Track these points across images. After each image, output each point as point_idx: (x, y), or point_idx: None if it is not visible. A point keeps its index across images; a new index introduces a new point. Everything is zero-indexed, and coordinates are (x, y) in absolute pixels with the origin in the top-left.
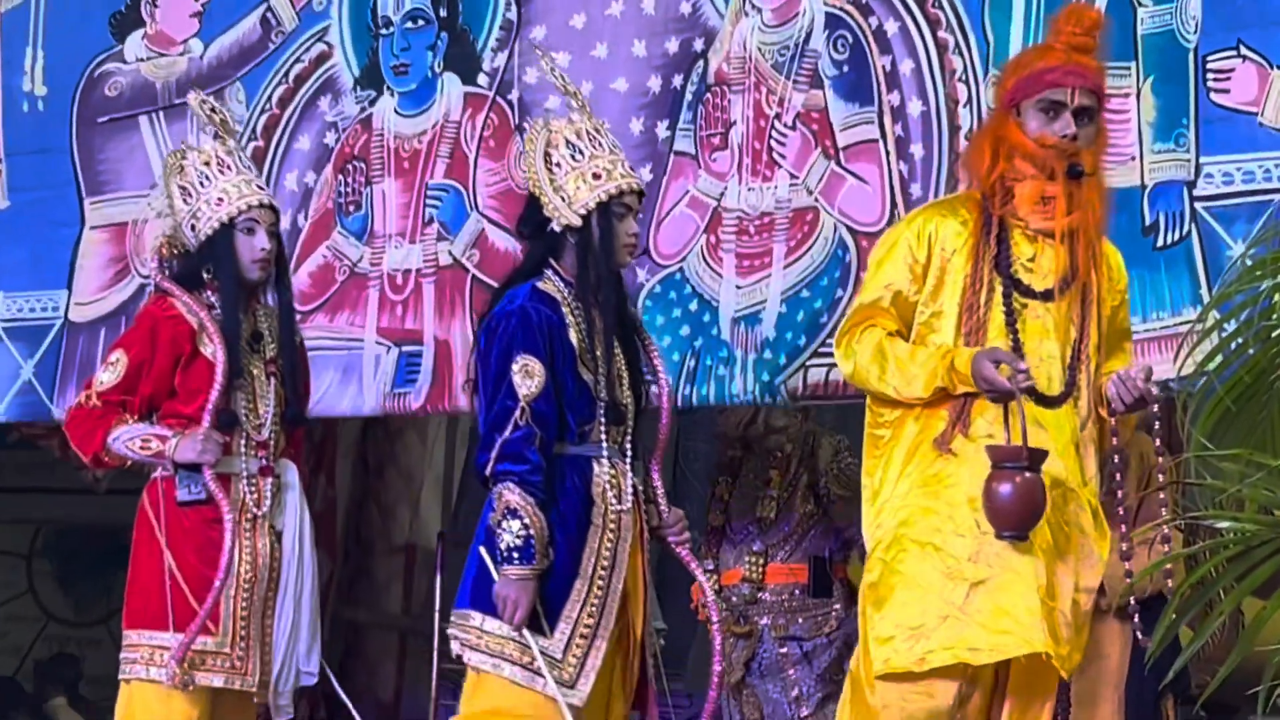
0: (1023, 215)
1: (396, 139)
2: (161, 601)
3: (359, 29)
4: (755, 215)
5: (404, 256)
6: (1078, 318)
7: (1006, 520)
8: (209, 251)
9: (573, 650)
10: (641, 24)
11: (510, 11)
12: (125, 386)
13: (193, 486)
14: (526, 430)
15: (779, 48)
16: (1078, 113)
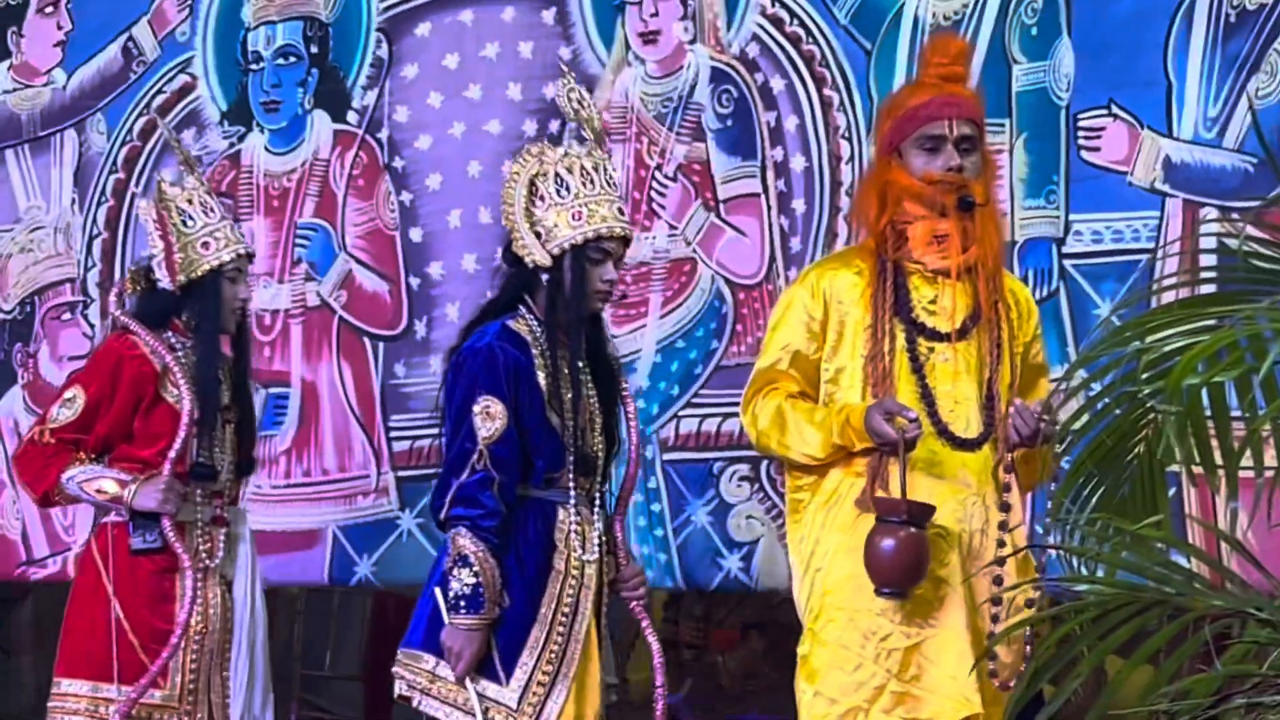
0: (919, 257)
1: (266, 177)
2: (106, 652)
3: (226, 63)
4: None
5: (272, 296)
6: (989, 355)
7: (887, 577)
8: (193, 294)
9: (528, 699)
10: (518, 67)
11: (381, 49)
12: (81, 424)
13: (147, 535)
14: (483, 475)
15: (662, 99)
16: (959, 143)
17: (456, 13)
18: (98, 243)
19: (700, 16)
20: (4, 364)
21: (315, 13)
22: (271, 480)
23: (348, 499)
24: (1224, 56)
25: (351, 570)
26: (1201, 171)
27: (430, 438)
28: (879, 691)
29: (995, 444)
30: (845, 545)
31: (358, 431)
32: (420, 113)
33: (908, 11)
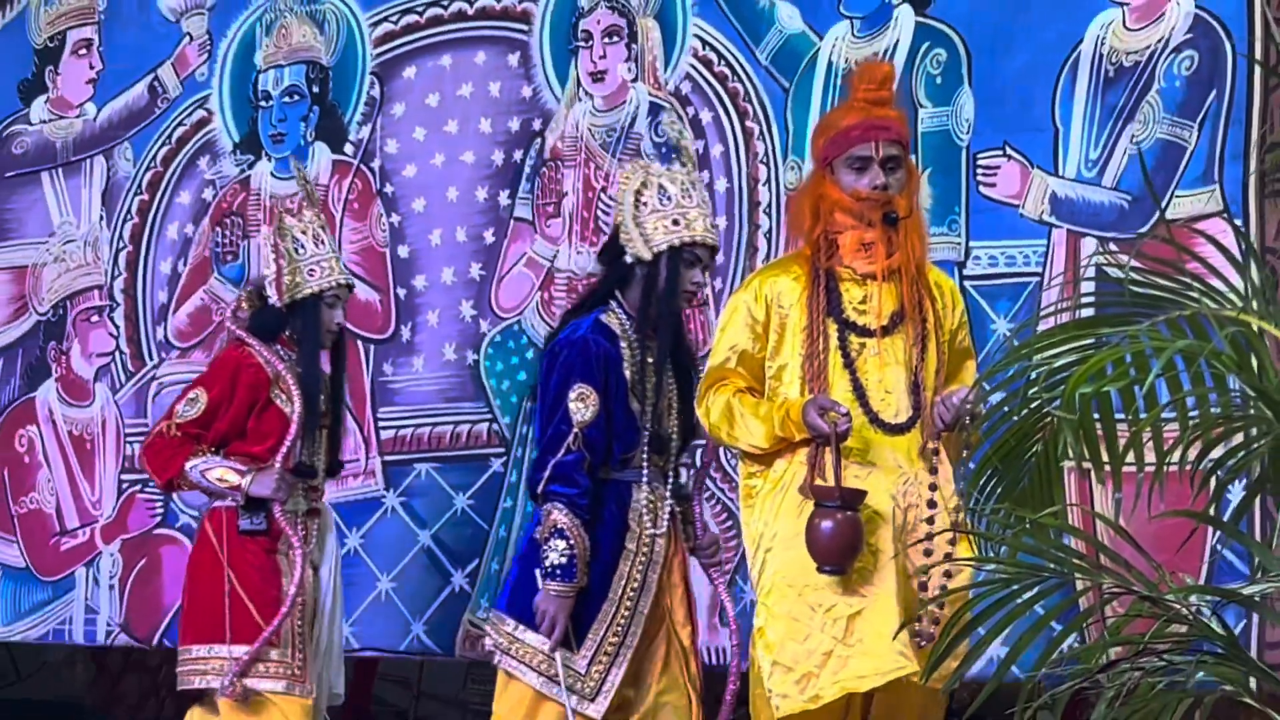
0: (849, 263)
1: (272, 199)
2: (222, 616)
3: (239, 100)
4: (583, 275)
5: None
6: (914, 347)
7: (826, 555)
8: (297, 313)
9: (595, 667)
10: (488, 104)
11: (374, 90)
12: (203, 422)
13: (254, 519)
14: (578, 455)
15: (607, 129)
16: (885, 163)
17: (438, 57)
18: (123, 254)
19: (641, 58)
20: (40, 360)
21: (317, 58)
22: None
23: (340, 480)
24: (1104, 106)
25: (342, 542)
26: (1083, 206)
27: (411, 428)
28: (827, 656)
29: (923, 426)
30: (793, 529)
31: (350, 422)
32: (407, 145)
33: (822, 55)
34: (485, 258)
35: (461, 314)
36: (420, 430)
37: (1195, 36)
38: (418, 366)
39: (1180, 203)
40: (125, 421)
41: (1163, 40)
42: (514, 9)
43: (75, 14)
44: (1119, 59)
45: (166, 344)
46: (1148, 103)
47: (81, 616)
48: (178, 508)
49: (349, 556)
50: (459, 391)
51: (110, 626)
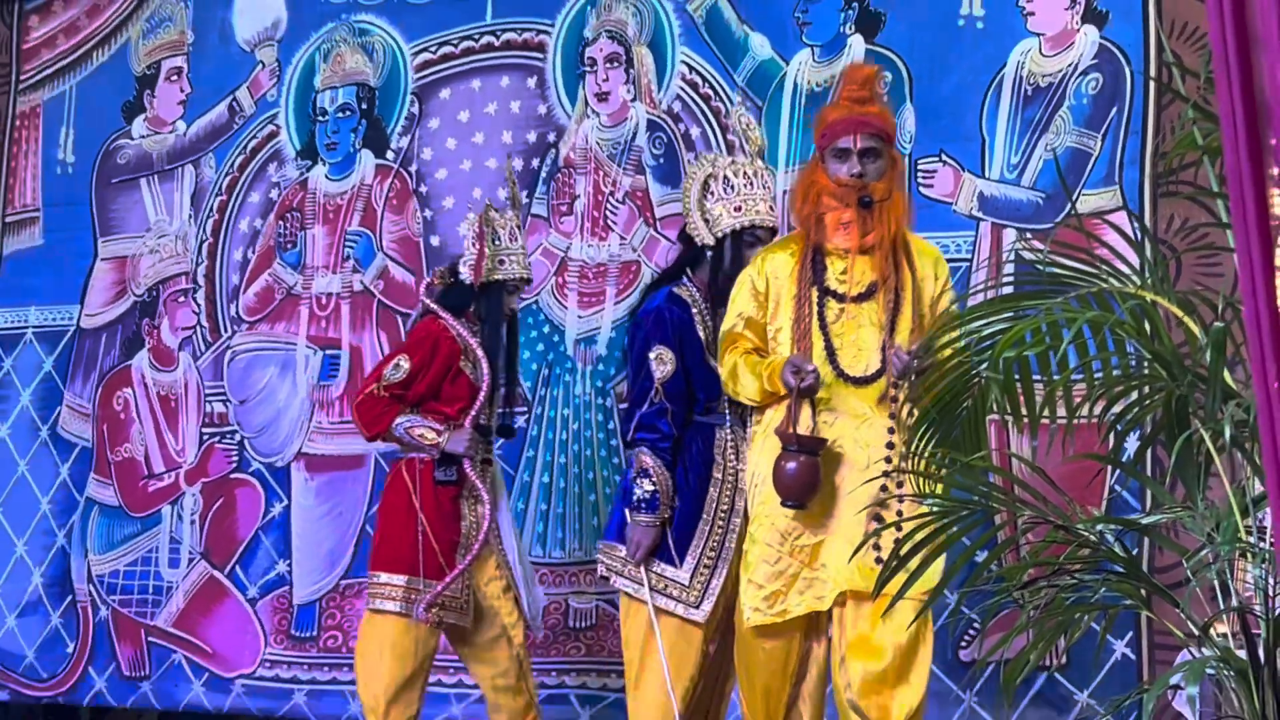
0: (832, 239)
1: (325, 196)
2: (414, 553)
3: (301, 116)
4: (593, 265)
5: (328, 283)
6: (888, 312)
7: (788, 492)
8: (485, 294)
9: (698, 578)
10: (510, 119)
11: (414, 108)
12: (405, 384)
13: (447, 471)
14: (660, 406)
15: (612, 143)
16: (863, 154)
17: (469, 82)
18: (205, 245)
19: (638, 82)
20: (135, 334)
21: (366, 80)
22: (329, 418)
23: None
24: (1023, 120)
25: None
26: (1005, 203)
27: None
28: (794, 578)
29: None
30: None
31: None
32: (440, 153)
33: (789, 79)
34: None
35: None
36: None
37: (1100, 61)
38: None
39: (1087, 200)
40: (205, 383)
41: (1072, 65)
42: (532, 40)
43: (168, 46)
44: (1036, 80)
45: (237, 318)
46: (1059, 116)
47: (167, 546)
48: (250, 456)
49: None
50: None
51: (192, 555)
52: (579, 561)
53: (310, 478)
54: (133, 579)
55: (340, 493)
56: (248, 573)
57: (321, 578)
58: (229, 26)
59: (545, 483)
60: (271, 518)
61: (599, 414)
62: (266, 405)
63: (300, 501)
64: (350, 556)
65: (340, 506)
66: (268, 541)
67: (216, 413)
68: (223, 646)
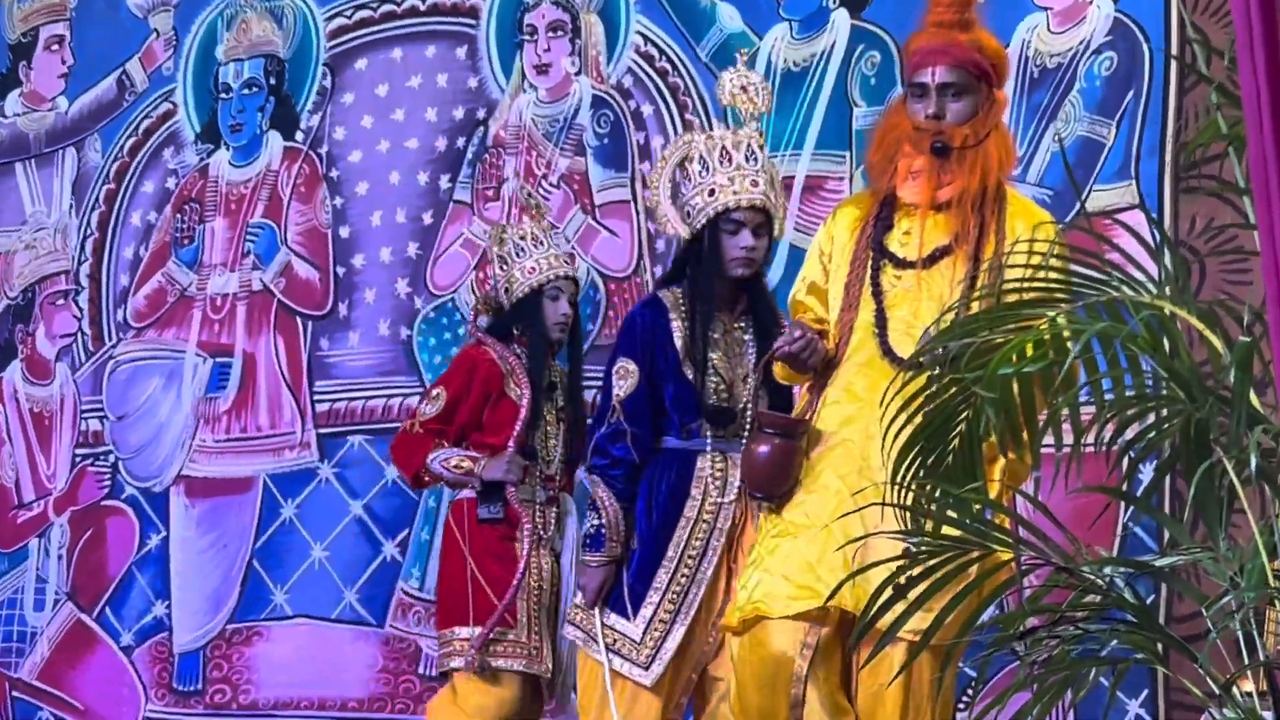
0: (901, 192)
1: (228, 185)
2: (466, 597)
3: (201, 93)
4: None
5: (224, 283)
6: (959, 284)
7: (754, 480)
8: (520, 311)
9: (650, 634)
10: (435, 94)
11: (326, 80)
12: (444, 417)
13: (492, 507)
14: (616, 427)
15: (550, 120)
16: (943, 89)
17: (389, 51)
18: (90, 241)
19: (585, 53)
20: (8, 342)
21: (275, 51)
22: (214, 435)
23: (276, 452)
24: (1028, 106)
25: (278, 512)
26: None
27: (345, 401)
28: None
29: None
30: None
31: (287, 395)
32: (354, 132)
33: (762, 57)
34: (422, 238)
35: (397, 291)
36: (354, 403)
37: (1114, 39)
38: (354, 342)
39: (1099, 196)
40: (82, 399)
41: (1084, 42)
42: (463, 5)
43: (47, 11)
44: (1043, 61)
45: (125, 325)
46: (1069, 102)
47: (32, 586)
48: (124, 480)
49: (284, 526)
50: (392, 366)
51: (58, 595)
52: None
53: (191, 504)
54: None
55: (225, 521)
56: (120, 616)
57: (205, 621)
58: None
59: None
60: (147, 551)
61: None
62: (146, 421)
63: (180, 532)
64: (237, 596)
65: (225, 538)
66: (143, 579)
67: (91, 431)
68: (95, 702)
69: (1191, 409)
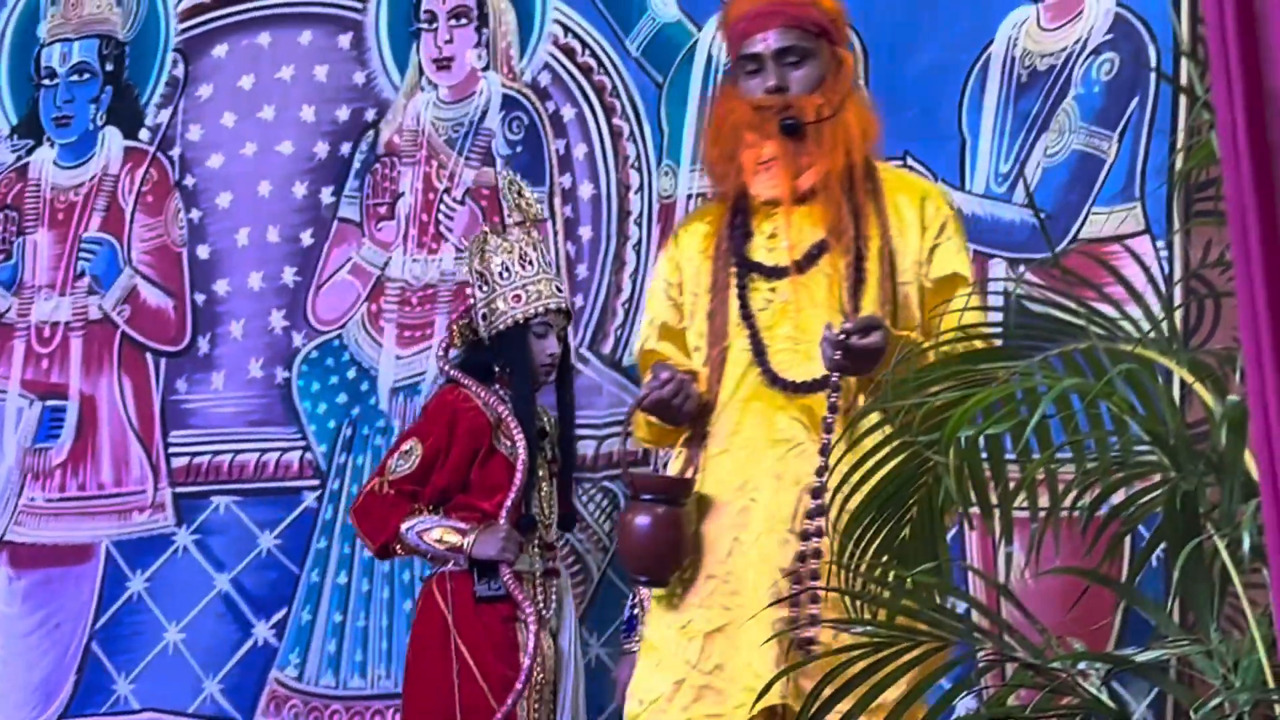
0: (754, 190)
1: (53, 190)
2: (451, 698)
3: (18, 78)
4: (419, 286)
5: (53, 309)
6: (845, 283)
7: (637, 561)
8: (502, 346)
9: None
10: (312, 90)
11: (177, 69)
12: (419, 477)
13: (492, 583)
14: None
15: (453, 124)
16: (780, 56)
17: (254, 35)
18: None
19: (494, 45)
20: None
21: (112, 31)
22: (45, 493)
23: (122, 514)
24: (1016, 114)
25: (124, 586)
26: (992, 225)
27: (209, 454)
28: (679, 685)
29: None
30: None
31: (136, 446)
32: (213, 132)
33: (701, 47)
34: (301, 262)
35: (271, 325)
36: (219, 458)
37: (1116, 38)
38: (217, 384)
39: (1097, 220)
40: None
41: (1080, 41)
42: None
43: None
44: (1033, 62)
45: None
46: (1064, 110)
47: None
48: None
49: (131, 603)
50: (266, 414)
51: None
52: (387, 695)
53: (16, 575)
54: None
55: (58, 597)
56: None
57: (32, 717)
58: None
59: (342, 584)
60: None
61: None
62: None
63: (3, 609)
64: (72, 686)
65: (58, 616)
66: None
67: None
68: None
69: (1177, 479)
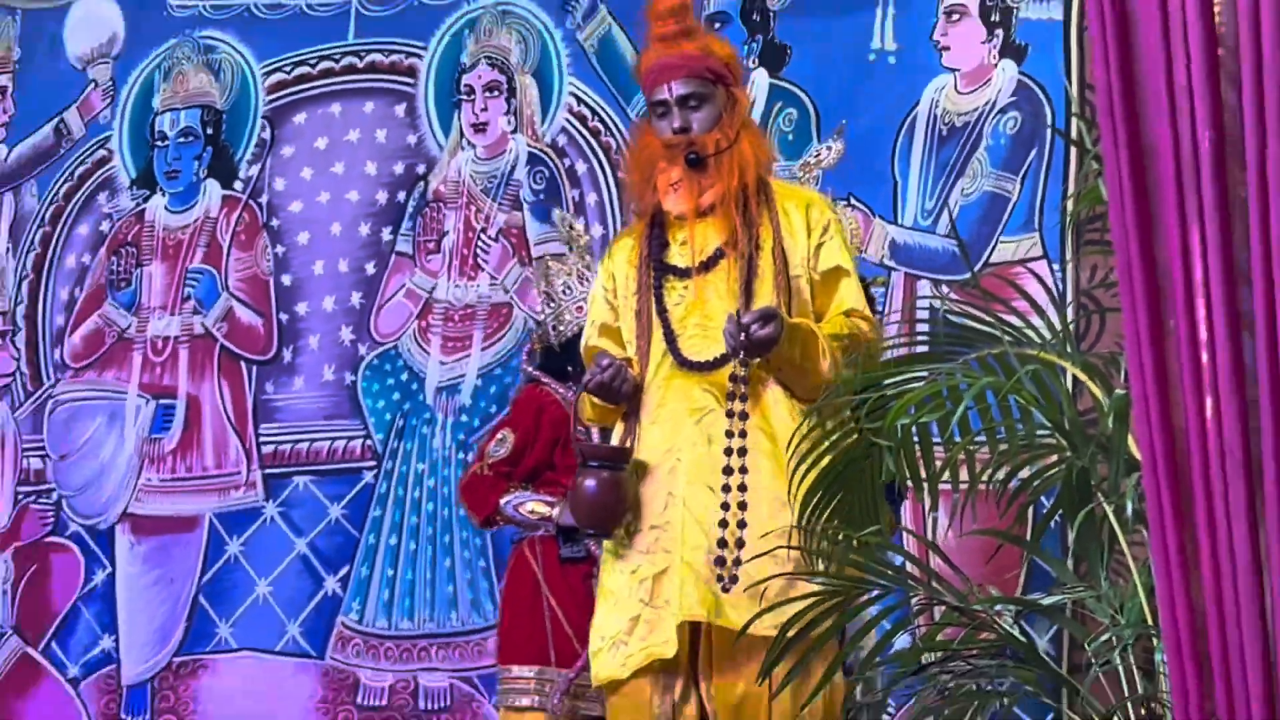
0: (666, 206)
1: (165, 230)
2: (545, 640)
3: (138, 141)
4: (460, 306)
5: (164, 326)
6: (742, 280)
7: (587, 517)
8: (572, 349)
9: None
10: (374, 149)
11: (265, 133)
12: (512, 460)
13: (575, 546)
14: None
15: (488, 176)
16: (684, 102)
17: (327, 105)
18: (25, 283)
19: (520, 112)
20: None
21: (212, 102)
22: (159, 475)
23: (222, 491)
24: (938, 163)
25: (223, 549)
26: (920, 251)
27: (290, 443)
28: (635, 621)
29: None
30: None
31: (233, 437)
32: (294, 183)
33: None
34: (365, 288)
35: (341, 338)
36: (299, 445)
37: (1019, 99)
38: (298, 386)
39: (1005, 248)
40: (23, 437)
41: (989, 103)
42: (401, 64)
43: None
44: (951, 119)
45: (62, 364)
46: (976, 158)
47: None
48: (68, 517)
49: (229, 563)
50: (336, 409)
51: (2, 629)
52: (430, 635)
53: (137, 542)
54: None
55: (171, 558)
56: (67, 649)
57: (153, 654)
58: (60, 42)
59: (393, 545)
60: (93, 587)
61: (459, 470)
62: (89, 461)
63: (126, 568)
64: (183, 630)
65: (171, 573)
66: (89, 614)
67: (33, 469)
68: None
69: (1073, 458)
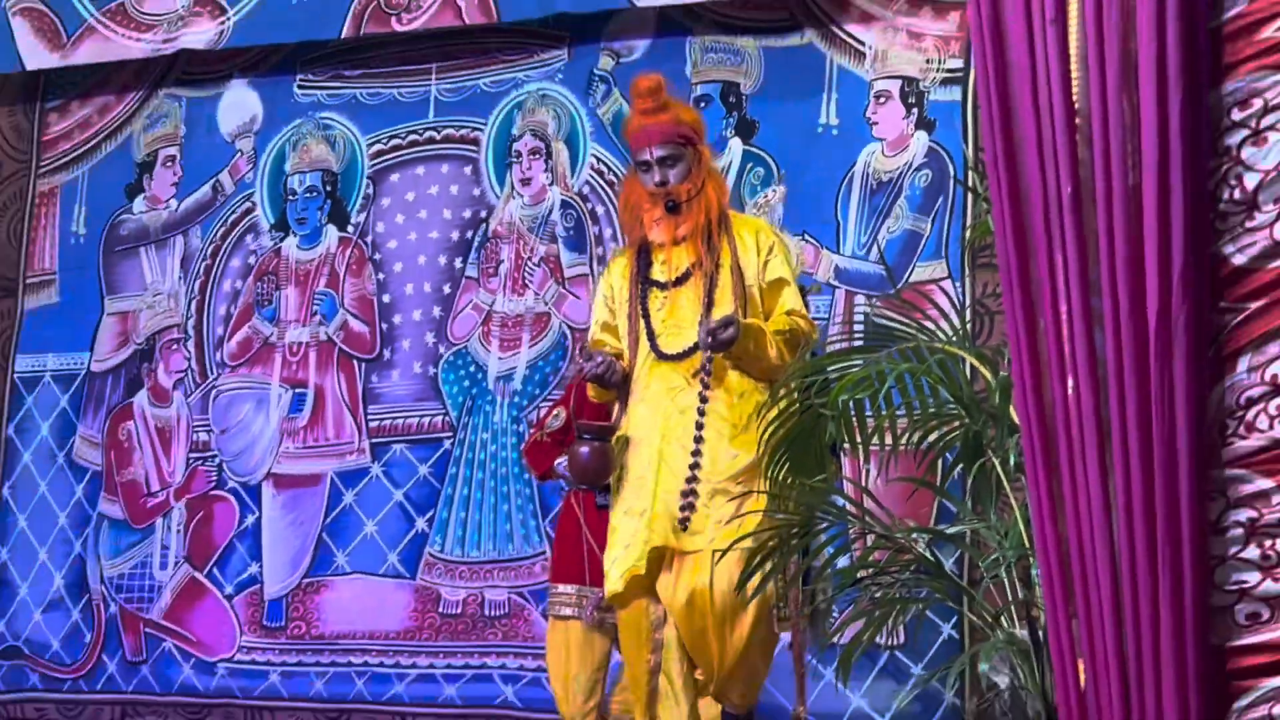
0: (650, 236)
1: (296, 263)
2: (582, 566)
3: (274, 196)
4: (512, 317)
5: (298, 334)
6: (706, 290)
7: (580, 475)
8: None
9: None
10: (448, 199)
11: (369, 189)
12: (564, 431)
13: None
14: None
15: (532, 218)
16: (661, 161)
17: (414, 168)
18: (193, 302)
19: (555, 170)
20: (136, 376)
21: (330, 166)
22: (294, 444)
23: (340, 456)
24: (870, 207)
25: (340, 498)
26: (857, 274)
27: (390, 420)
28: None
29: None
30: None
31: (347, 416)
32: (390, 226)
33: None
34: (443, 303)
35: (426, 341)
36: (396, 421)
37: (929, 160)
38: (395, 378)
39: (921, 270)
40: (194, 417)
41: (908, 163)
42: (468, 136)
43: (164, 138)
44: (879, 176)
45: (221, 363)
46: (899, 205)
47: (159, 552)
48: (227, 476)
49: (345, 510)
50: (422, 395)
51: (178, 559)
52: (491, 560)
53: (277, 494)
54: (134, 580)
55: (302, 506)
56: (224, 574)
57: (287, 577)
58: (214, 121)
59: (465, 495)
60: (245, 527)
61: (513, 438)
62: (243, 434)
63: (269, 514)
64: (310, 559)
65: (302, 517)
66: (242, 547)
67: (201, 441)
68: (205, 635)
69: (969, 424)
